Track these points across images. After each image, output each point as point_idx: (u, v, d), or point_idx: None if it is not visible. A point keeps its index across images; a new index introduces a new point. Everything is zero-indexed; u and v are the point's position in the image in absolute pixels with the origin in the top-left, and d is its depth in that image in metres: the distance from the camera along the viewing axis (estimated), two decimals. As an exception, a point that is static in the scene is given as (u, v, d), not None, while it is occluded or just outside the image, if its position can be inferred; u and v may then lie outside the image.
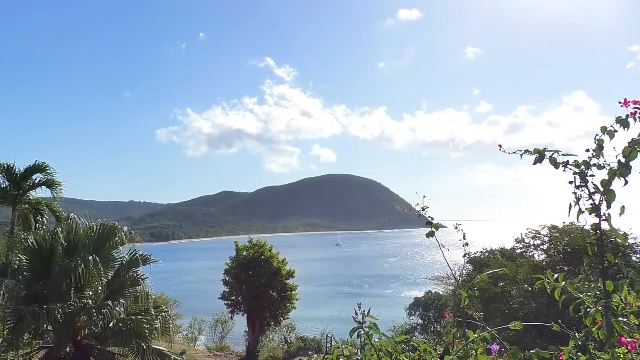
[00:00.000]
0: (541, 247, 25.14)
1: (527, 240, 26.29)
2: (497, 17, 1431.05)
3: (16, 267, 12.83)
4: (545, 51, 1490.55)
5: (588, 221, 2.47)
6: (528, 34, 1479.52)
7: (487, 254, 30.42)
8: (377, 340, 2.80)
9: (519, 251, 26.75)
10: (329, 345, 34.15)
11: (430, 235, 3.17)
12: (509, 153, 2.67)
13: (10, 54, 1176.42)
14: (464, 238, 3.50)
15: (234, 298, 34.01)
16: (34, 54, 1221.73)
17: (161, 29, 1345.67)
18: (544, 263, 22.63)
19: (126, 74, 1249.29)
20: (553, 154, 2.52)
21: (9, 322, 12.13)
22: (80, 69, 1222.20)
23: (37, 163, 21.16)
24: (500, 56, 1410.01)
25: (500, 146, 2.70)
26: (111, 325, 12.12)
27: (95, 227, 13.43)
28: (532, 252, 25.75)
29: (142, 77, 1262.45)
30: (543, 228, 25.07)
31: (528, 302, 20.36)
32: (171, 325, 14.96)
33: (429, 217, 3.16)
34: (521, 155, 2.61)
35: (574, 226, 21.84)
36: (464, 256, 3.49)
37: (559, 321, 2.83)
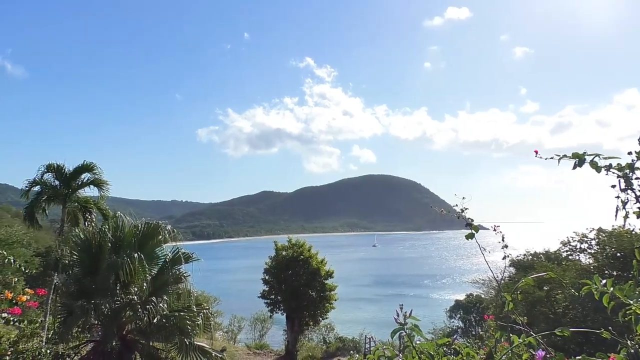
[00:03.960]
0: (588, 250, 24.30)
1: (573, 243, 25.49)
2: (548, 15, 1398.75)
3: (66, 262, 13.34)
4: (597, 49, 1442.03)
5: (636, 225, 2.38)
6: (579, 32, 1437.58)
7: (530, 257, 29.67)
8: (418, 342, 2.77)
9: (564, 254, 25.96)
10: (367, 346, 33.99)
11: (470, 237, 3.12)
12: (545, 158, 2.58)
13: (65, 56, 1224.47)
14: (503, 240, 3.43)
15: (273, 297, 34.22)
16: (86, 58, 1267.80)
17: (209, 30, 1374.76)
18: (591, 267, 21.85)
19: (173, 76, 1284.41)
20: (594, 157, 2.42)
21: (59, 316, 12.62)
22: (128, 72, 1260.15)
23: (85, 163, 21.84)
24: (550, 55, 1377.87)
25: (537, 152, 2.63)
26: (155, 320, 12.40)
27: (139, 225, 13.79)
28: (578, 255, 24.94)
29: (186, 78, 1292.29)
30: (590, 231, 24.24)
31: (574, 306, 19.70)
32: (212, 323, 15.21)
33: (469, 218, 3.12)
34: (558, 160, 2.52)
35: (623, 229, 21.01)
36: (504, 258, 3.41)
37: (609, 328, 2.73)
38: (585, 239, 24.53)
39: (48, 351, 10.13)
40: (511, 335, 2.66)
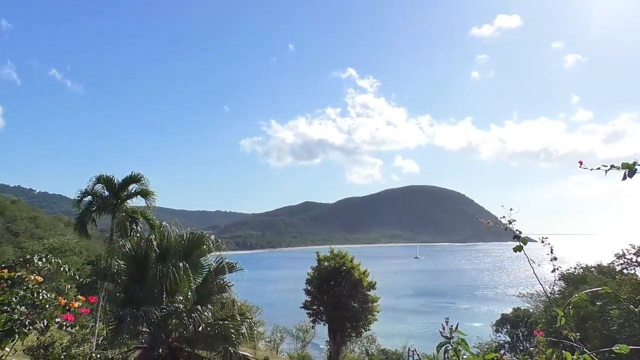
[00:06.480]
0: (644, 263, 23.19)
1: (628, 256, 24.38)
2: (601, 22, 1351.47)
3: (115, 271, 13.78)
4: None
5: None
6: (634, 38, 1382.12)
7: (581, 270, 28.59)
8: (465, 356, 2.70)
9: (618, 267, 24.86)
10: (411, 359, 33.43)
11: (518, 249, 3.03)
12: (591, 169, 2.48)
13: (117, 71, 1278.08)
14: (552, 252, 3.31)
15: (315, 307, 34.22)
16: (138, 73, 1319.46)
17: (258, 43, 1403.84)
18: (648, 281, 20.81)
19: (222, 88, 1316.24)
20: (645, 167, 2.30)
21: (110, 323, 13.01)
22: (178, 86, 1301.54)
23: (133, 174, 22.56)
24: (605, 62, 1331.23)
25: (581, 163, 2.53)
26: (200, 329, 12.59)
27: (185, 235, 14.08)
28: (634, 269, 23.82)
29: (234, 90, 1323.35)
30: (648, 244, 23.15)
31: (630, 323, 18.77)
32: (255, 332, 15.30)
33: (516, 230, 3.03)
34: (606, 171, 2.41)
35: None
36: (553, 271, 3.30)
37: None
38: (642, 252, 23.44)
39: (98, 356, 10.44)
40: (564, 351, 2.56)
